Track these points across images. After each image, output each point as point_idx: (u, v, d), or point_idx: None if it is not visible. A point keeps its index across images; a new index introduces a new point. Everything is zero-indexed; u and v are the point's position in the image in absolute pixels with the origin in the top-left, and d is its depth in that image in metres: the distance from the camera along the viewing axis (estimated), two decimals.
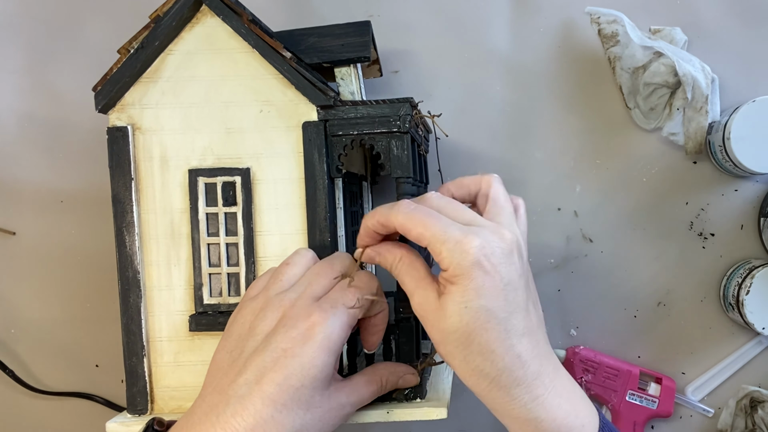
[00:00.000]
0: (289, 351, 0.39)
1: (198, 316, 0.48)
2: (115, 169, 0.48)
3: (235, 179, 0.48)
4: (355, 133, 0.47)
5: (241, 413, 0.38)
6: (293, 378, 0.38)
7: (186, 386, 0.49)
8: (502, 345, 0.39)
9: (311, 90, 0.47)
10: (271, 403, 0.38)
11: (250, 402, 0.38)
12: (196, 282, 0.49)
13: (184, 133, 0.48)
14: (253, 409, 0.38)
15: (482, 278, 0.38)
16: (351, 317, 0.41)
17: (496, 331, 0.39)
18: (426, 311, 0.41)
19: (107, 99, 0.48)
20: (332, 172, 0.48)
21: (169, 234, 0.49)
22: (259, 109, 0.48)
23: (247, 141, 0.48)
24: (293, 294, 0.42)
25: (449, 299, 0.39)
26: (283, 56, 0.47)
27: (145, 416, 0.48)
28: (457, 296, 0.39)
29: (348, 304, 0.41)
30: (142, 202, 0.49)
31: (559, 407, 0.41)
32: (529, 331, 0.40)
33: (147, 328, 0.49)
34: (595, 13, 0.65)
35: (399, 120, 0.47)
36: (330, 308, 0.41)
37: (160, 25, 0.47)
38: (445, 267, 0.39)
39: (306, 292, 0.42)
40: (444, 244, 0.39)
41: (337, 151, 0.48)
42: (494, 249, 0.39)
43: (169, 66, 0.48)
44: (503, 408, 0.41)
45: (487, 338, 0.39)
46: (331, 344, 0.40)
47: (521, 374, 0.40)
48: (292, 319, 0.40)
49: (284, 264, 0.45)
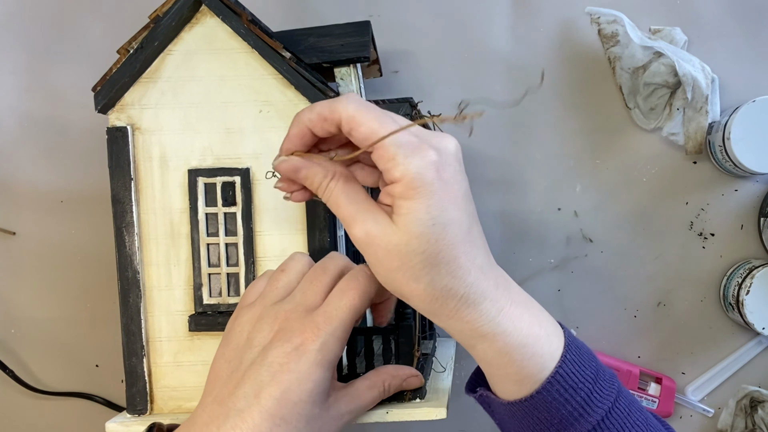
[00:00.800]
0: (285, 366, 0.39)
1: (197, 316, 0.48)
2: (115, 169, 0.48)
3: (234, 179, 0.48)
4: None
5: (241, 426, 0.38)
6: (291, 393, 0.38)
7: (185, 386, 0.49)
8: (468, 258, 0.37)
9: (311, 90, 0.47)
10: (270, 417, 0.38)
11: (249, 416, 0.38)
12: (196, 282, 0.49)
13: (183, 133, 0.48)
14: (252, 422, 0.38)
15: (444, 189, 0.36)
16: (345, 329, 0.41)
17: (463, 244, 0.36)
18: (378, 237, 0.37)
19: (107, 99, 0.48)
20: None
21: (169, 234, 0.49)
22: (258, 109, 0.48)
23: (247, 141, 0.48)
24: (288, 305, 0.41)
25: (410, 218, 0.35)
26: (282, 56, 0.47)
27: (145, 416, 0.48)
28: (421, 212, 0.35)
29: (343, 316, 0.40)
30: (141, 202, 0.49)
31: (521, 318, 0.39)
32: (483, 241, 0.39)
33: (146, 328, 0.49)
34: (595, 13, 0.65)
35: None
36: (323, 323, 0.40)
37: (160, 25, 0.47)
38: (399, 176, 0.35)
39: (301, 303, 0.41)
40: (399, 148, 0.35)
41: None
42: (449, 157, 0.36)
43: (168, 66, 0.48)
44: (471, 327, 0.38)
45: (456, 253, 0.36)
46: (325, 359, 0.39)
47: (486, 286, 0.38)
48: (287, 333, 0.40)
49: (279, 271, 0.44)
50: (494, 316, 0.38)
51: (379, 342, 0.54)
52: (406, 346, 0.48)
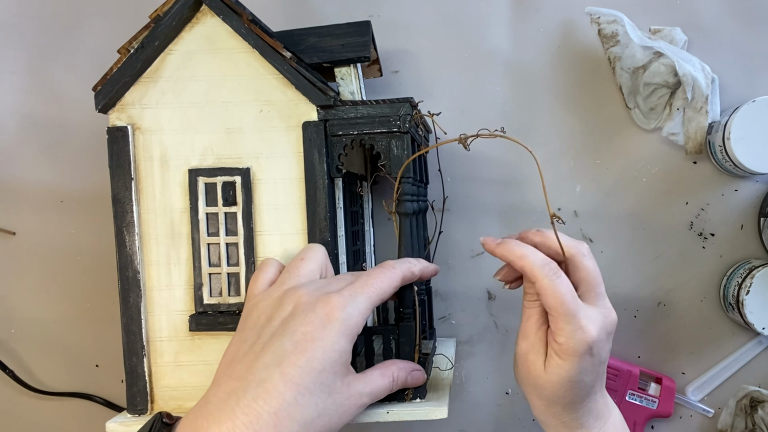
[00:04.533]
0: (309, 334, 0.38)
1: (198, 316, 0.48)
2: (115, 169, 0.48)
3: (235, 179, 0.48)
4: (355, 133, 0.47)
5: (263, 396, 0.36)
6: (315, 361, 0.38)
7: (186, 386, 0.49)
8: (582, 403, 0.48)
9: (311, 90, 0.47)
10: (294, 385, 0.37)
11: (271, 385, 0.37)
12: (196, 282, 0.49)
13: (184, 133, 0.48)
14: (275, 392, 0.37)
15: (588, 360, 0.46)
16: (369, 304, 0.41)
17: (582, 394, 0.47)
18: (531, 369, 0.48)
19: (107, 99, 0.48)
20: (332, 172, 0.48)
21: (169, 234, 0.49)
22: (259, 109, 0.48)
23: (247, 141, 0.48)
24: (311, 287, 0.42)
25: (556, 370, 0.46)
26: (283, 56, 0.47)
27: (145, 416, 0.48)
28: (563, 370, 0.46)
29: (369, 291, 0.42)
30: (142, 202, 0.49)
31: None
32: (601, 387, 0.49)
33: (147, 328, 0.49)
34: (595, 13, 0.65)
35: (399, 120, 0.47)
36: (349, 295, 0.40)
37: (160, 24, 0.47)
38: (561, 342, 0.46)
39: (323, 288, 0.42)
40: (569, 324, 0.45)
41: (337, 151, 0.48)
42: (602, 336, 0.46)
43: (169, 66, 0.48)
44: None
45: (573, 399, 0.47)
46: (350, 329, 0.39)
47: (586, 420, 0.48)
48: (310, 304, 0.40)
49: (299, 259, 0.45)
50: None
51: (380, 342, 0.54)
52: (407, 346, 0.48)
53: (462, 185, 0.67)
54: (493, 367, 0.68)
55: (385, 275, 0.43)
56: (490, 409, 0.68)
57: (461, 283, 0.67)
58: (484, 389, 0.68)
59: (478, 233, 0.67)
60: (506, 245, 0.48)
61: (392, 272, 0.44)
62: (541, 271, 0.46)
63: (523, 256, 0.47)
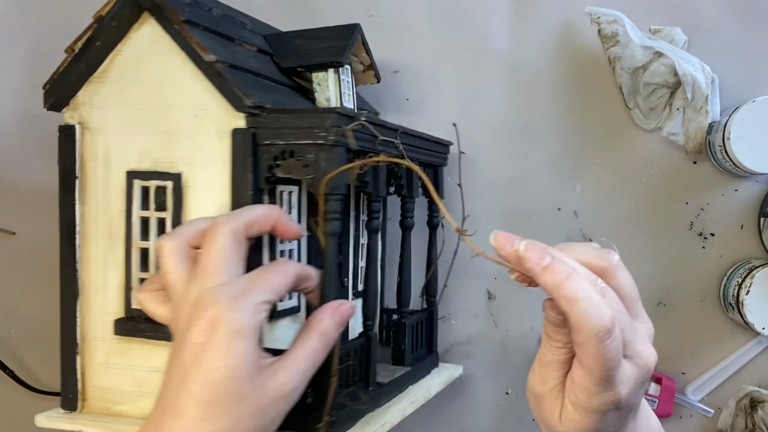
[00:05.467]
0: (201, 345, 0.37)
1: (122, 321, 0.47)
2: (62, 167, 0.48)
3: (167, 184, 0.46)
4: (282, 143, 0.43)
5: (178, 417, 0.36)
6: (213, 372, 0.36)
7: (115, 389, 0.48)
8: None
9: (232, 95, 0.44)
10: (198, 403, 0.36)
11: (181, 405, 0.36)
12: (127, 285, 0.48)
13: (126, 134, 0.47)
14: (185, 413, 0.36)
15: (613, 415, 0.40)
16: (265, 298, 0.39)
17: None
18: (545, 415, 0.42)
19: (55, 97, 0.48)
20: (259, 182, 0.44)
21: (108, 235, 0.48)
22: (194, 113, 0.46)
23: (182, 145, 0.46)
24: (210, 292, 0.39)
25: (573, 426, 0.40)
26: (207, 61, 0.44)
27: (76, 413, 0.48)
28: (582, 426, 0.40)
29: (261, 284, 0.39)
30: (86, 200, 0.48)
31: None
32: (633, 419, 0.42)
33: (82, 327, 0.49)
34: (595, 13, 0.65)
35: (325, 131, 0.42)
36: (239, 291, 0.38)
37: (102, 25, 0.46)
38: (581, 400, 0.40)
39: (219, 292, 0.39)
40: (598, 386, 0.39)
41: (267, 162, 0.44)
42: (636, 388, 0.40)
43: (117, 66, 0.47)
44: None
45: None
46: (242, 328, 0.37)
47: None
48: (200, 309, 0.38)
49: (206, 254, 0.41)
50: None
51: None
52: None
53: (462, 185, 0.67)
54: (493, 367, 0.68)
55: (281, 268, 0.41)
56: (490, 409, 0.68)
57: (461, 283, 0.67)
58: (484, 389, 0.68)
59: (477, 233, 0.66)
60: (553, 270, 0.40)
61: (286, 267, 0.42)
62: (598, 335, 0.37)
63: (574, 300, 0.38)
